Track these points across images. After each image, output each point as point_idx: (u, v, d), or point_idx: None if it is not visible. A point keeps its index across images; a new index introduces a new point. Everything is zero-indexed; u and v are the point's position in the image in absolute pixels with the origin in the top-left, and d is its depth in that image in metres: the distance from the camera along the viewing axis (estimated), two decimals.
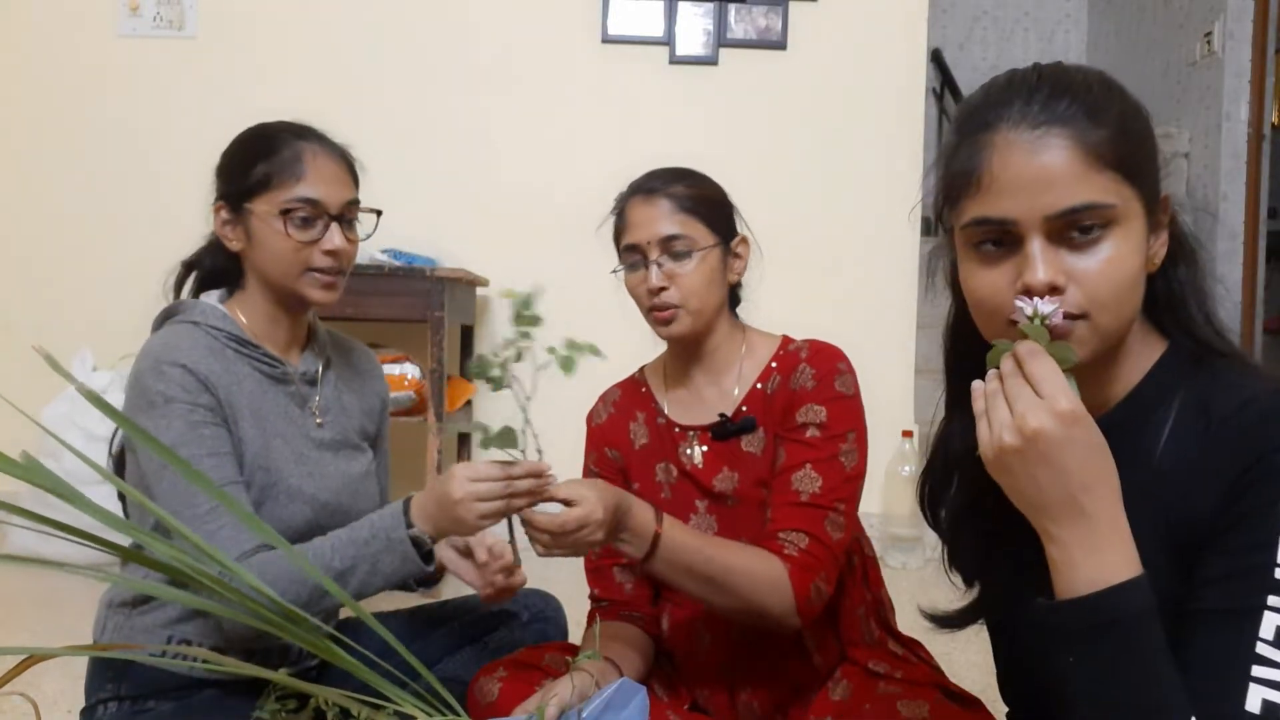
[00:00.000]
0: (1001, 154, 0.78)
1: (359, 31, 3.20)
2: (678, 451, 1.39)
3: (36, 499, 2.49)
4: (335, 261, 1.32)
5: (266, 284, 1.33)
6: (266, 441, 1.29)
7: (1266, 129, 4.22)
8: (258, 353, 1.32)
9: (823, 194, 3.19)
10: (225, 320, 1.31)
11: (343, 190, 1.32)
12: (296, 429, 1.34)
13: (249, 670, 0.81)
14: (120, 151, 3.20)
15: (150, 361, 1.23)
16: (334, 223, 1.31)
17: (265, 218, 1.29)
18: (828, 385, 1.32)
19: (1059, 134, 0.77)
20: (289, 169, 1.29)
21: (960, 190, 0.81)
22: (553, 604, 1.55)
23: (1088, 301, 0.77)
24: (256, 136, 1.34)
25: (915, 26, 3.25)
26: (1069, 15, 5.97)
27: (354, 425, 1.44)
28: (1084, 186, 0.76)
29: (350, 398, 1.45)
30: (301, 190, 1.28)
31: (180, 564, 0.58)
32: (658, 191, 1.34)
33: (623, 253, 1.37)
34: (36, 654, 0.44)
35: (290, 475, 1.30)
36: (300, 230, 1.29)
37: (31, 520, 0.40)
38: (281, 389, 1.34)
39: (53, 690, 1.81)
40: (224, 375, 1.26)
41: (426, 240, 3.11)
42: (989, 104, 0.81)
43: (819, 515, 1.26)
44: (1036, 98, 0.79)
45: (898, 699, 1.20)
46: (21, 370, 1.63)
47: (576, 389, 1.43)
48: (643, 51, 3.22)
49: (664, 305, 1.31)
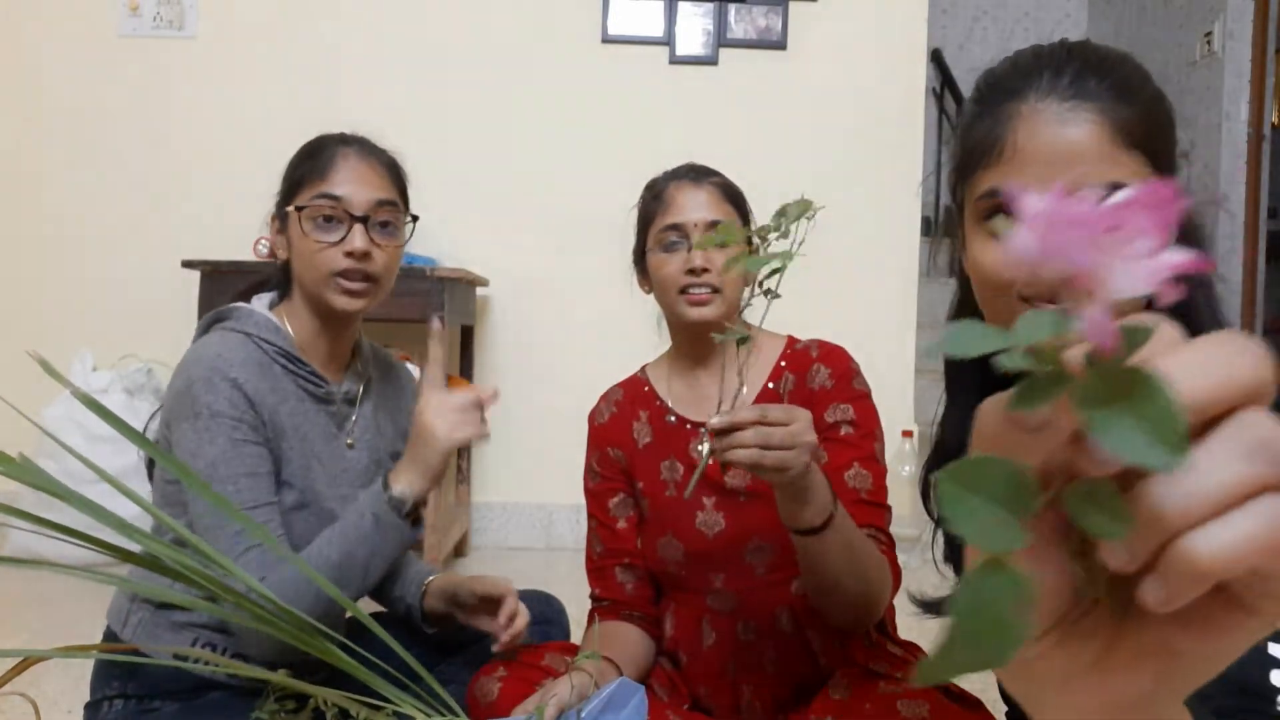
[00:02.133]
0: (1028, 123, 0.75)
1: (358, 32, 3.21)
2: (688, 448, 1.39)
3: (38, 499, 2.49)
4: (359, 265, 1.26)
5: (305, 294, 1.31)
6: (307, 462, 1.27)
7: (1266, 129, 4.22)
8: (305, 370, 1.29)
9: (822, 194, 3.19)
10: (277, 333, 1.28)
11: (371, 190, 1.28)
12: (333, 451, 1.32)
13: (248, 671, 0.81)
14: (120, 151, 3.20)
15: (204, 370, 1.20)
16: (358, 224, 1.26)
17: (295, 219, 1.27)
18: (847, 384, 1.34)
19: (1088, 109, 0.73)
20: (320, 169, 1.27)
21: (978, 160, 0.78)
22: (554, 605, 1.55)
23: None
24: (308, 143, 1.33)
25: (915, 26, 3.25)
26: (1069, 15, 5.97)
27: (386, 446, 1.42)
28: (1110, 166, 0.73)
29: (385, 418, 1.42)
30: (323, 188, 1.26)
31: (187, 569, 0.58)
32: (703, 178, 1.37)
33: (660, 232, 1.35)
34: (32, 656, 0.44)
35: (325, 499, 1.28)
36: (319, 230, 1.25)
37: (26, 520, 0.40)
38: (323, 409, 1.32)
39: (53, 690, 1.81)
40: (271, 394, 1.24)
41: (426, 240, 3.11)
42: (1016, 74, 0.78)
43: (881, 513, 1.29)
44: (1066, 71, 0.75)
45: (898, 699, 1.20)
46: (22, 370, 1.62)
47: (579, 387, 1.42)
48: (643, 51, 3.23)
49: (703, 286, 1.31)
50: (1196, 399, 0.26)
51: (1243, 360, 0.26)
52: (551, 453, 3.14)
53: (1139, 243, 0.26)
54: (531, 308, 3.22)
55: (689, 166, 1.40)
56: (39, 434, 2.53)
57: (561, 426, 2.96)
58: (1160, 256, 0.26)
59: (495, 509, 3.21)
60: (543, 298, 3.22)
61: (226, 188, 3.13)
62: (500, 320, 3.23)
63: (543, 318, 3.22)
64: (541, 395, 3.18)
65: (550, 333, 3.22)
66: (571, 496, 1.59)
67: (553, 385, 3.17)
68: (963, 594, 0.26)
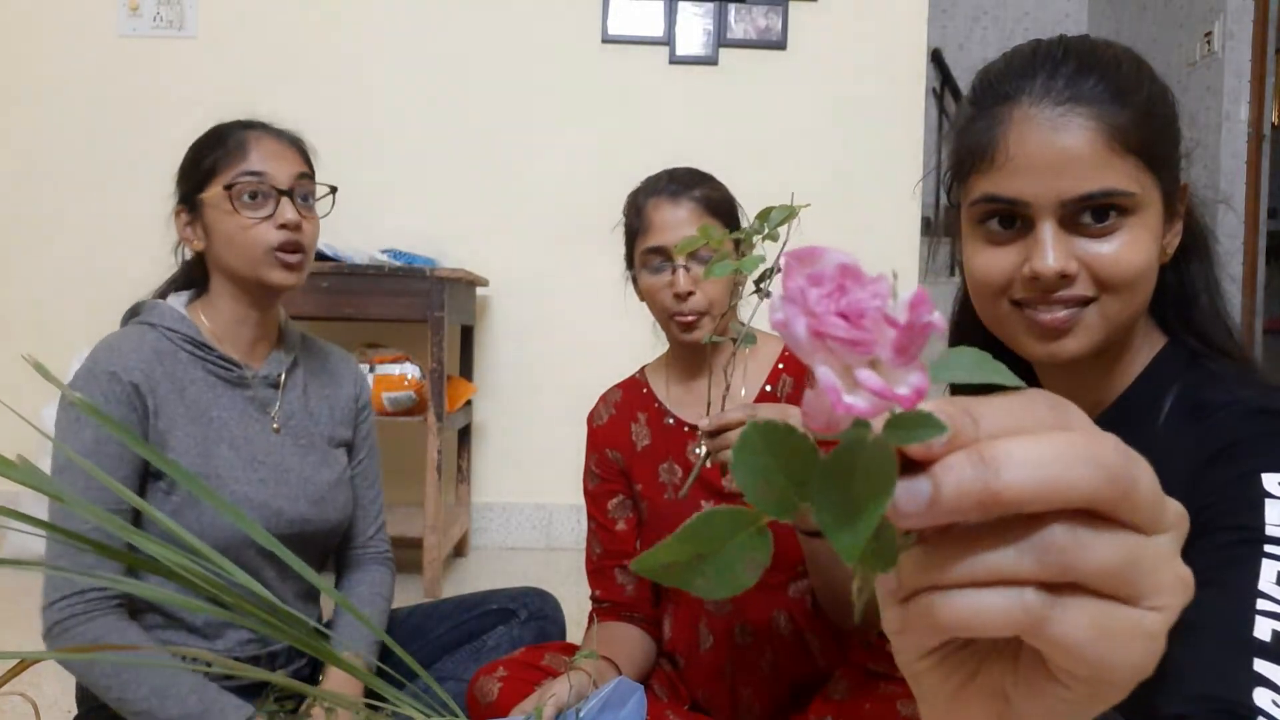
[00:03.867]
0: (1020, 130, 0.74)
1: (358, 32, 3.20)
2: (686, 451, 1.39)
3: (38, 499, 2.49)
4: (293, 237, 1.28)
5: (230, 279, 1.30)
6: (208, 448, 1.26)
7: (1266, 129, 4.21)
8: (213, 355, 1.29)
9: (822, 194, 3.19)
10: (182, 322, 1.29)
11: (290, 165, 1.30)
12: (252, 434, 1.30)
13: (249, 672, 0.81)
14: (120, 151, 3.20)
15: (88, 364, 1.23)
16: (284, 197, 1.28)
17: (216, 203, 1.28)
18: None
19: (1082, 113, 0.73)
20: (233, 152, 1.28)
21: (972, 165, 0.78)
22: (551, 603, 1.55)
23: (1098, 287, 0.74)
24: (205, 135, 1.34)
25: (915, 26, 3.25)
26: (1069, 15, 5.97)
27: (321, 431, 1.40)
28: (1104, 172, 0.72)
29: (319, 403, 1.41)
30: (245, 166, 1.27)
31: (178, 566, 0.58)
32: (681, 195, 1.33)
33: (643, 254, 1.34)
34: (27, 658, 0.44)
35: (238, 482, 1.26)
36: (249, 207, 1.27)
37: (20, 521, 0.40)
38: (239, 393, 1.31)
39: (53, 691, 1.81)
40: (164, 380, 1.24)
41: (426, 240, 3.12)
42: (1010, 74, 0.77)
43: None
44: (1062, 71, 0.75)
45: (897, 699, 1.20)
46: (23, 370, 1.62)
47: (578, 387, 1.42)
48: (643, 51, 3.23)
49: (690, 310, 1.30)
50: (1016, 494, 0.26)
51: (1083, 472, 0.26)
52: (551, 453, 3.14)
53: (869, 360, 0.25)
54: (531, 308, 3.22)
55: (669, 177, 1.36)
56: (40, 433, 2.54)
57: (561, 426, 2.96)
58: (880, 383, 0.25)
59: (495, 509, 3.21)
60: (543, 298, 3.22)
61: None
62: (500, 320, 3.23)
63: (543, 318, 3.22)
64: (541, 395, 3.18)
65: (550, 333, 3.22)
66: (571, 497, 1.59)
67: (553, 385, 3.17)
68: (705, 520, 0.28)
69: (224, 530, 1.21)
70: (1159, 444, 0.78)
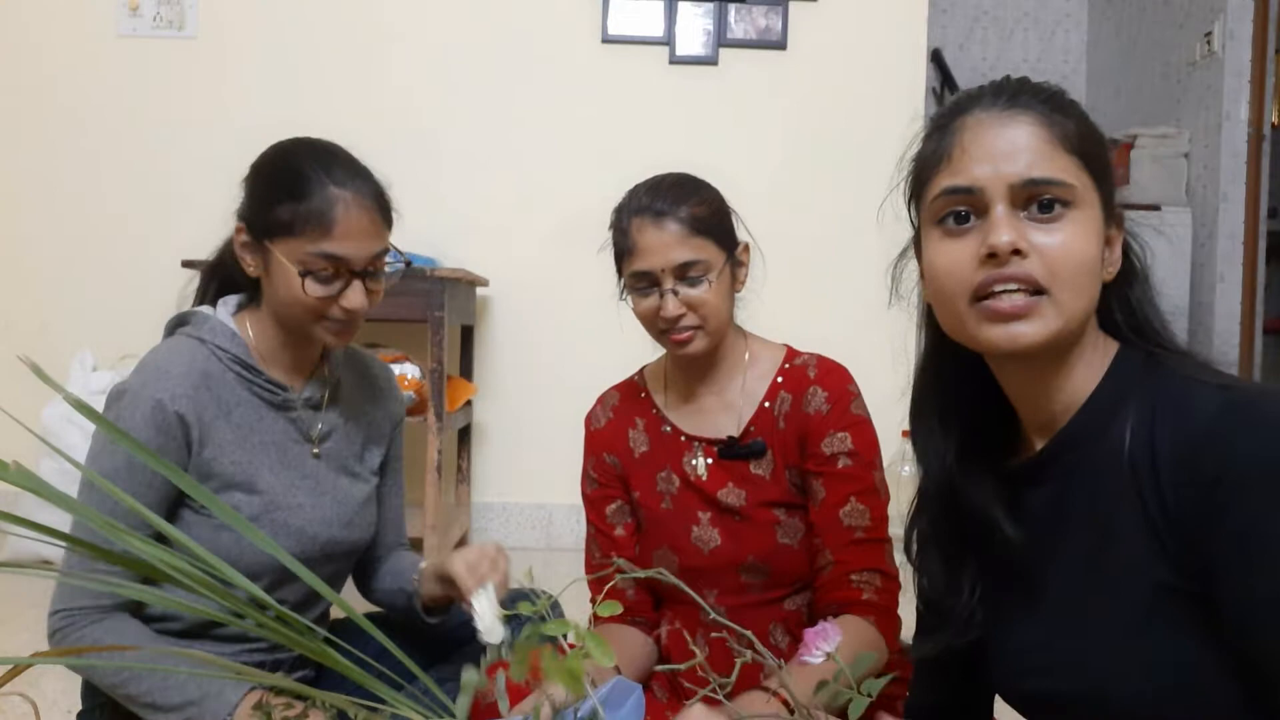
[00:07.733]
0: (972, 130, 0.83)
1: (358, 32, 3.21)
2: (682, 461, 1.38)
3: (38, 501, 2.48)
4: (352, 316, 1.24)
5: (277, 314, 1.27)
6: (252, 473, 1.24)
7: (1266, 129, 4.21)
8: (261, 379, 1.27)
9: (822, 194, 3.19)
10: (233, 341, 1.26)
11: (372, 244, 1.23)
12: (291, 459, 1.29)
13: (250, 674, 0.82)
14: (120, 151, 3.20)
15: (135, 383, 1.20)
16: (356, 279, 1.22)
17: (285, 264, 1.20)
18: (844, 410, 1.31)
19: (1026, 116, 0.82)
20: (316, 220, 1.18)
21: (931, 168, 0.86)
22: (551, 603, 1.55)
23: (1049, 275, 0.79)
24: (286, 171, 1.23)
25: (915, 26, 3.25)
26: (1069, 15, 5.96)
27: (354, 452, 1.38)
28: (1048, 162, 0.80)
29: (355, 425, 1.39)
30: (327, 246, 1.19)
31: (180, 572, 0.58)
32: (666, 214, 1.26)
33: (630, 277, 1.30)
34: (22, 663, 0.44)
35: (278, 509, 1.26)
36: (319, 287, 1.21)
37: (17, 524, 0.40)
38: (282, 415, 1.30)
39: (53, 691, 1.81)
40: (211, 405, 1.22)
41: (426, 240, 3.11)
42: (959, 100, 0.87)
43: (880, 550, 1.27)
44: (1005, 90, 0.85)
45: (897, 699, 1.20)
46: (23, 369, 1.62)
47: (579, 387, 1.42)
48: (643, 51, 3.23)
49: (682, 329, 1.27)
50: None
51: None
52: (551, 453, 3.14)
53: None
54: (531, 308, 3.22)
55: (652, 194, 1.29)
56: (40, 432, 2.54)
57: (561, 426, 2.95)
58: None
59: (495, 509, 3.21)
60: (543, 298, 3.22)
61: (226, 188, 3.13)
62: (500, 320, 3.23)
63: (543, 318, 3.22)
64: (541, 395, 3.18)
65: (550, 333, 3.22)
66: (571, 497, 1.59)
67: (552, 385, 3.17)
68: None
69: (260, 554, 1.18)
70: (1134, 447, 0.80)
